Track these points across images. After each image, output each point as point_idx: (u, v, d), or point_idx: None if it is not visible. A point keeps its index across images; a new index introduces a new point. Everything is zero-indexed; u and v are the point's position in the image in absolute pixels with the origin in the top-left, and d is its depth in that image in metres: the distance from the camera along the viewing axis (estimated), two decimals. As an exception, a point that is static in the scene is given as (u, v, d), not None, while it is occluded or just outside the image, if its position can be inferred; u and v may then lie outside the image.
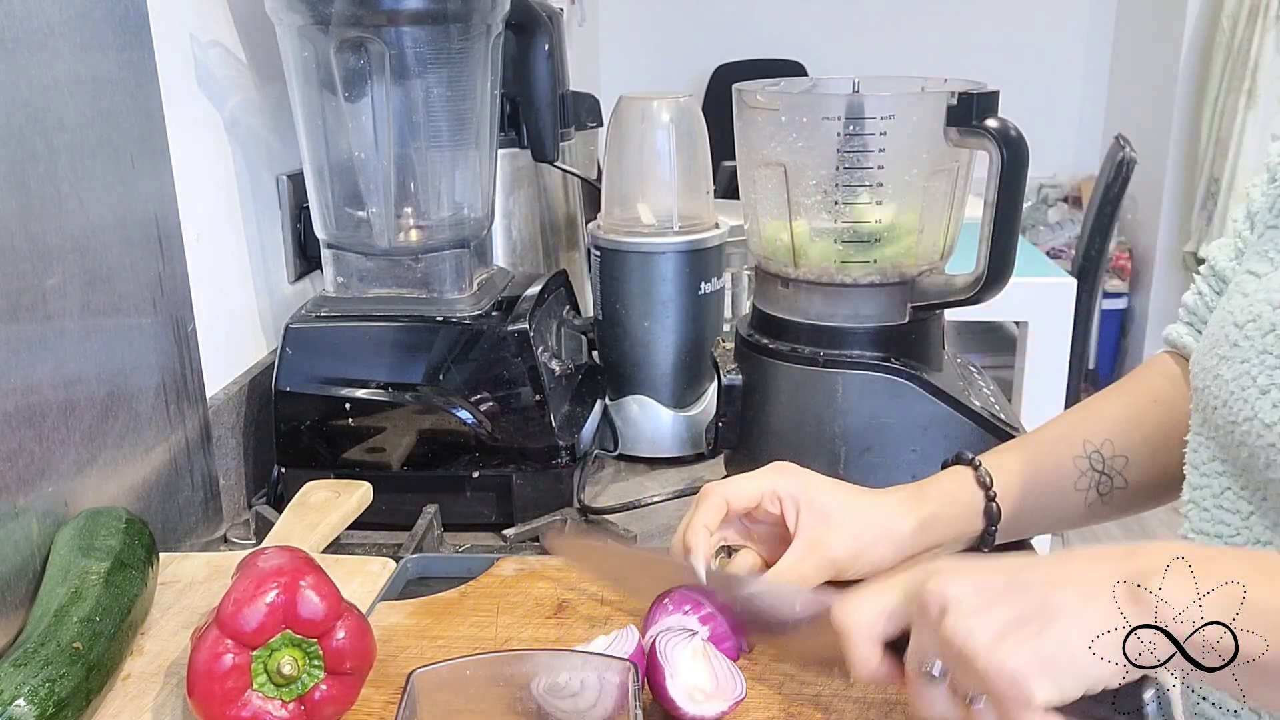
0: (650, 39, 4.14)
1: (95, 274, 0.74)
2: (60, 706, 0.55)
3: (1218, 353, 0.65)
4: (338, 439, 0.93)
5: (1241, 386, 0.62)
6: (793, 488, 0.71)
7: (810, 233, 0.89)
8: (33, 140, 0.68)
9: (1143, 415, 0.77)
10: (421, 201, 0.99)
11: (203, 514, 0.89)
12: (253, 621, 0.55)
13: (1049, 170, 4.09)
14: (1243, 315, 0.64)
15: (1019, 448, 0.78)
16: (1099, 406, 0.80)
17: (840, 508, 0.71)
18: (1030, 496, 0.75)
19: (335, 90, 0.92)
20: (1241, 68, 3.35)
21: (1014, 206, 0.82)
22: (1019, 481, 0.75)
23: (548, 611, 0.71)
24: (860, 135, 0.84)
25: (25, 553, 0.67)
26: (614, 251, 1.03)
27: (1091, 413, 0.79)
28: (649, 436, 1.06)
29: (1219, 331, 0.66)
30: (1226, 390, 0.64)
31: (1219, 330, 0.66)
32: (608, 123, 1.08)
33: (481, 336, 0.92)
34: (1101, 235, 2.57)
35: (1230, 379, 0.63)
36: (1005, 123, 0.81)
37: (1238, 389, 0.62)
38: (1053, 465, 0.76)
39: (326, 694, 0.57)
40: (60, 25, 0.71)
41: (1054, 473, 0.76)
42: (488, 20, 0.94)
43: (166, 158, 0.84)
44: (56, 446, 0.70)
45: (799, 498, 0.70)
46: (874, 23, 4.02)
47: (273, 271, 1.07)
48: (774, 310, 0.92)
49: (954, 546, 0.74)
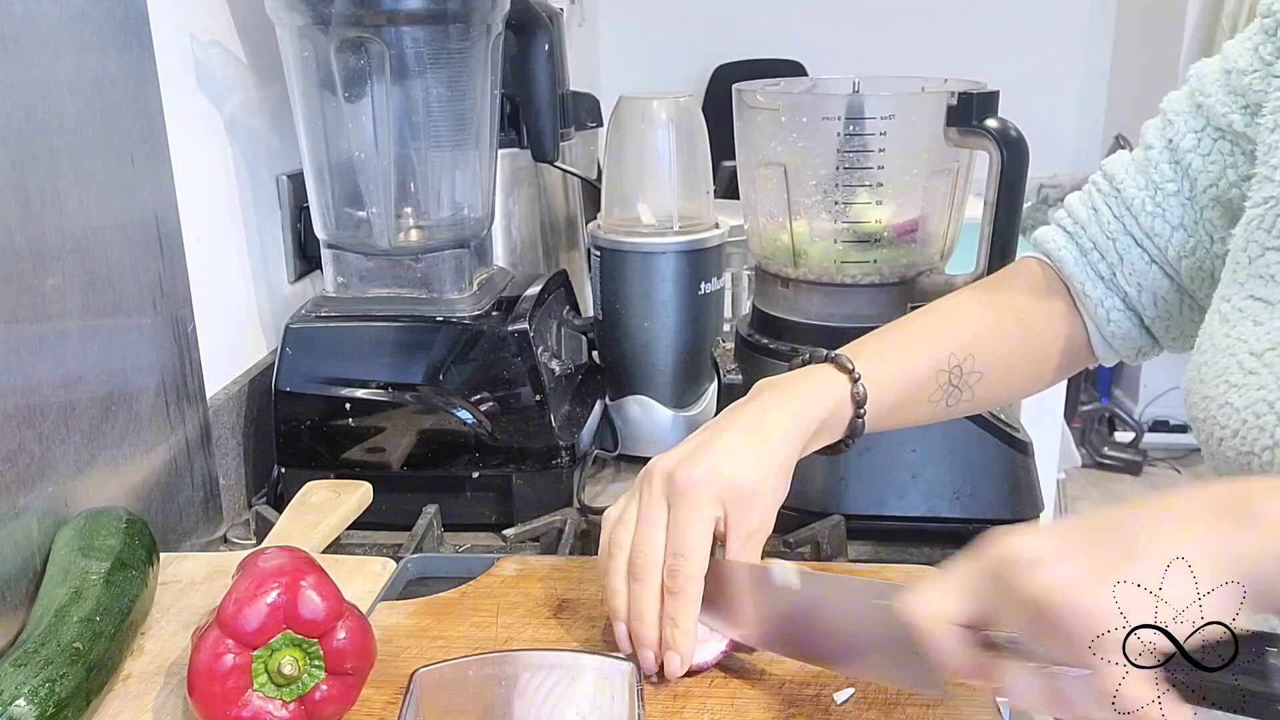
0: (650, 39, 4.13)
1: (95, 274, 0.74)
2: (60, 706, 0.55)
3: (1227, 380, 0.63)
4: (338, 439, 0.93)
5: (1257, 414, 0.60)
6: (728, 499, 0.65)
7: (810, 233, 0.89)
8: (33, 140, 0.68)
9: (1005, 332, 0.76)
10: (421, 201, 0.99)
11: (203, 514, 0.89)
12: (254, 621, 0.55)
13: (1049, 170, 4.09)
14: (1260, 343, 0.62)
15: (889, 355, 0.74)
16: (968, 313, 0.77)
17: (753, 484, 0.65)
18: (889, 406, 0.72)
19: (335, 90, 0.92)
20: (1241, 68, 3.35)
21: (1014, 206, 0.83)
22: (885, 391, 0.72)
23: (548, 611, 0.71)
24: (860, 135, 0.84)
25: (25, 553, 0.67)
26: (614, 251, 1.03)
27: (960, 320, 0.77)
28: (649, 436, 1.06)
29: (1227, 360, 0.64)
30: (1239, 419, 0.61)
31: (1227, 359, 0.64)
32: (608, 123, 1.08)
33: (481, 336, 0.92)
34: (1101, 235, 2.57)
35: (1243, 407, 0.61)
36: (1005, 123, 0.81)
37: (1251, 416, 0.61)
38: (917, 376, 0.74)
39: (327, 694, 0.57)
40: (60, 25, 0.71)
41: (917, 384, 0.74)
42: (488, 20, 0.94)
43: (166, 158, 0.84)
44: (56, 446, 0.70)
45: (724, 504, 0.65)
46: (874, 23, 4.02)
47: (273, 271, 1.07)
48: (774, 310, 0.92)
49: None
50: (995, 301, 0.78)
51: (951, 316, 0.77)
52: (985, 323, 0.77)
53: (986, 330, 0.76)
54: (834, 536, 0.84)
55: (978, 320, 0.77)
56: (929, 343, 0.75)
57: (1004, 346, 0.76)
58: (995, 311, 0.77)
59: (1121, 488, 3.48)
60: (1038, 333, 0.76)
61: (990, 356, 0.75)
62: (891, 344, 0.75)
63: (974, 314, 0.77)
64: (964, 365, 0.74)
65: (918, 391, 0.74)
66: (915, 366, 0.74)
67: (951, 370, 0.74)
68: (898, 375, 0.73)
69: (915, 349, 0.75)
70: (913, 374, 0.74)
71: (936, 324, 0.77)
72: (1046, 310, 0.77)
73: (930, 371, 0.74)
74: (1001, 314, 0.77)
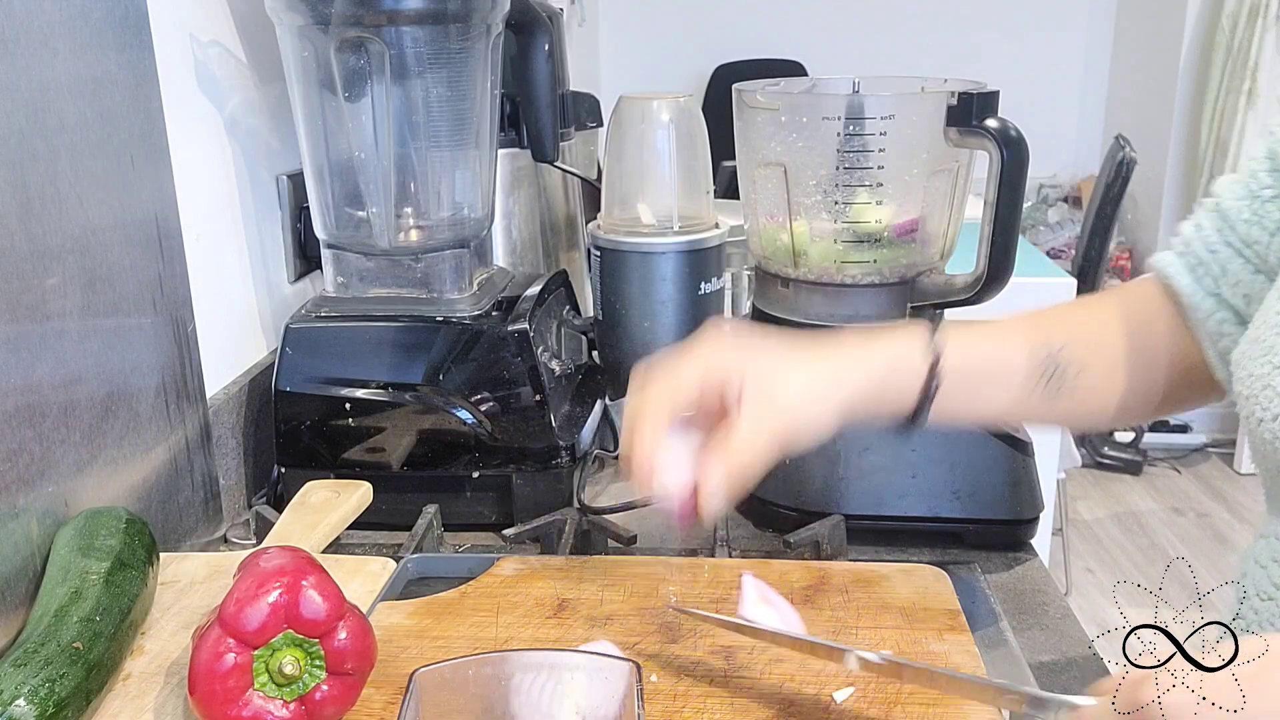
0: (650, 39, 4.13)
1: (95, 274, 0.74)
2: (60, 706, 0.55)
3: (1272, 361, 0.62)
4: (338, 439, 0.93)
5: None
6: (732, 362, 0.64)
7: (810, 233, 0.89)
8: (33, 140, 0.68)
9: (1107, 329, 0.74)
10: (421, 201, 0.99)
11: (203, 514, 0.89)
12: (255, 621, 0.55)
13: (1049, 170, 4.09)
14: None
15: (976, 329, 0.72)
16: (1066, 310, 0.76)
17: (783, 377, 0.64)
18: (978, 377, 0.71)
19: (335, 90, 0.92)
20: (1241, 68, 3.35)
21: (1014, 206, 0.83)
22: (972, 356, 0.70)
23: (548, 611, 0.71)
24: (860, 135, 0.84)
25: (25, 553, 0.67)
26: (614, 251, 1.03)
27: (1057, 312, 0.75)
28: (649, 436, 1.05)
29: (1275, 339, 0.62)
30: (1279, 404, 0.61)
31: (1275, 337, 0.62)
32: (608, 123, 1.08)
33: (481, 336, 0.92)
34: (1101, 235, 2.57)
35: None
36: (1005, 123, 0.81)
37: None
38: (1007, 350, 0.72)
39: (327, 694, 0.57)
40: (60, 25, 0.71)
41: (1007, 359, 0.72)
42: (488, 20, 0.94)
43: (166, 158, 0.84)
44: (56, 446, 0.70)
45: (741, 372, 0.64)
46: (874, 23, 4.02)
47: (273, 271, 1.07)
48: (774, 310, 0.92)
49: (887, 416, 0.69)
50: (1093, 302, 0.77)
51: (1046, 311, 0.75)
52: (1083, 316, 0.75)
53: (1085, 321, 0.74)
54: (834, 536, 0.84)
55: (1077, 313, 0.75)
56: (1020, 326, 0.73)
57: (1106, 342, 0.73)
58: (1093, 309, 0.76)
59: (1121, 488, 3.48)
60: (1144, 334, 0.73)
61: (1090, 347, 0.73)
62: (979, 324, 0.74)
63: (1071, 310, 0.76)
64: (1061, 353, 0.72)
65: (1009, 368, 0.71)
66: (1005, 341, 0.72)
67: (1047, 356, 0.71)
68: (986, 346, 0.71)
69: (1005, 329, 0.73)
70: (1003, 348, 0.72)
71: (1029, 315, 0.75)
72: (1152, 316, 0.74)
73: (1023, 348, 0.72)
74: (1102, 312, 0.75)
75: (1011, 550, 0.87)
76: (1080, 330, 0.74)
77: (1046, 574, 0.85)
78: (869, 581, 0.74)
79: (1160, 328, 0.74)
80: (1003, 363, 0.71)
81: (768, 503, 0.91)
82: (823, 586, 0.74)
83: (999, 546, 0.87)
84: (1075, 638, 0.76)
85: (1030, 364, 0.71)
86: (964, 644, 0.67)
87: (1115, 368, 0.73)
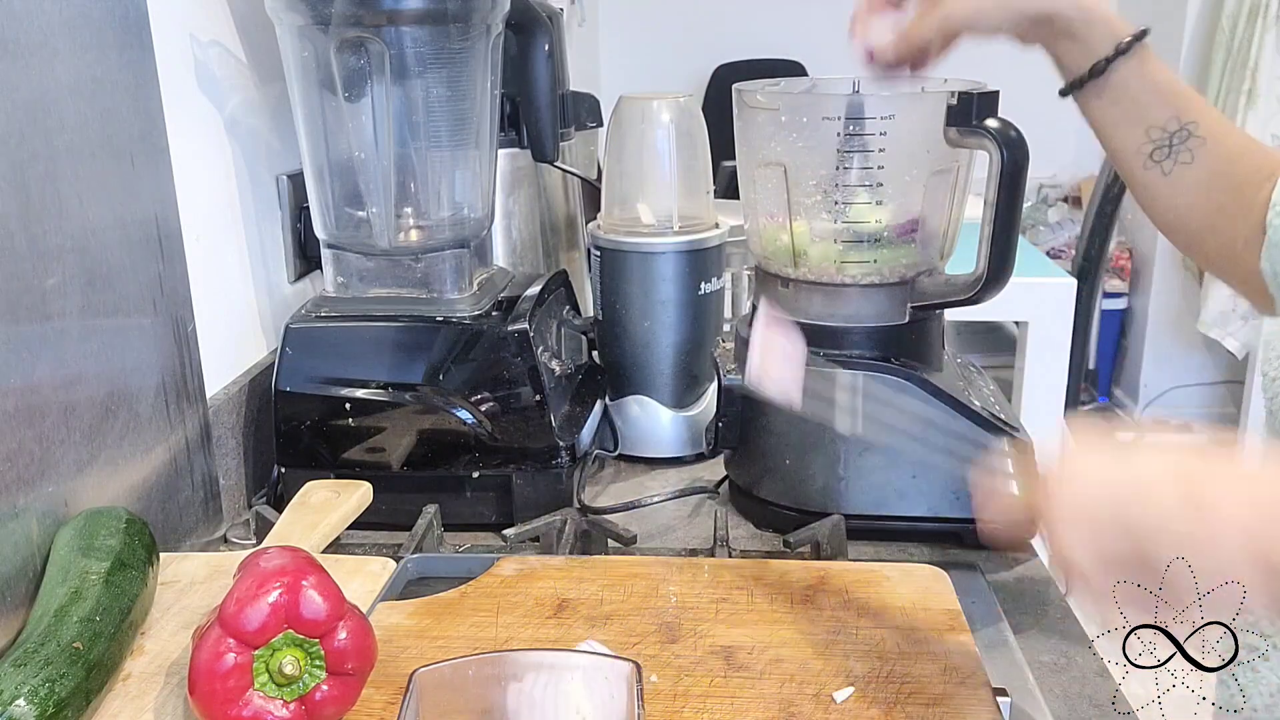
0: (650, 39, 4.13)
1: (95, 274, 0.74)
2: (60, 706, 0.55)
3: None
4: (338, 439, 0.93)
5: None
6: None
7: (810, 233, 0.89)
8: (33, 140, 0.68)
9: (1241, 143, 0.77)
10: (421, 201, 0.99)
11: (203, 514, 0.89)
12: (255, 621, 0.55)
13: (1049, 170, 4.09)
14: None
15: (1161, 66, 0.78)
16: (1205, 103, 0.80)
17: None
18: (1142, 94, 0.76)
19: (335, 90, 0.92)
20: (1241, 68, 3.35)
21: (1014, 206, 0.82)
22: (1154, 73, 0.76)
23: (548, 611, 0.71)
24: (860, 135, 0.84)
25: (25, 553, 0.67)
26: (614, 251, 1.03)
27: (1199, 99, 0.79)
28: (649, 436, 1.06)
29: None
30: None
31: None
32: (608, 123, 1.08)
33: (481, 336, 0.92)
34: (1101, 235, 2.57)
35: None
36: (1005, 123, 0.81)
37: None
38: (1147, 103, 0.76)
39: (328, 694, 0.57)
40: (60, 26, 0.71)
41: (1145, 110, 0.76)
42: (488, 20, 0.94)
43: (166, 158, 0.84)
44: (56, 446, 0.70)
45: None
46: (874, 23, 4.01)
47: (273, 271, 1.07)
48: (774, 310, 0.91)
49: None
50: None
51: (1192, 91, 0.79)
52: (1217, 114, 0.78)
53: (1220, 115, 0.78)
54: (834, 536, 0.84)
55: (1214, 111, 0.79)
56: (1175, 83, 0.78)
57: (1234, 155, 0.76)
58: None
59: (1121, 488, 3.47)
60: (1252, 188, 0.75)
61: (1218, 137, 0.76)
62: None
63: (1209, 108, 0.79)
64: (1189, 126, 0.76)
65: (1143, 110, 0.76)
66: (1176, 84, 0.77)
67: (1176, 128, 0.76)
68: (1164, 76, 0.76)
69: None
70: (1175, 83, 0.76)
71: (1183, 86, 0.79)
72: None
73: (1173, 103, 0.76)
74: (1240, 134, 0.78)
75: (1011, 550, 0.87)
76: (1209, 115, 0.77)
77: (1046, 574, 0.85)
78: (869, 581, 0.74)
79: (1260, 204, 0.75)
80: (1164, 94, 0.75)
81: (768, 503, 0.91)
82: (823, 586, 0.74)
83: (999, 546, 0.87)
84: (1075, 637, 0.76)
85: (1161, 118, 0.76)
86: (964, 644, 0.67)
87: (1234, 153, 0.76)
